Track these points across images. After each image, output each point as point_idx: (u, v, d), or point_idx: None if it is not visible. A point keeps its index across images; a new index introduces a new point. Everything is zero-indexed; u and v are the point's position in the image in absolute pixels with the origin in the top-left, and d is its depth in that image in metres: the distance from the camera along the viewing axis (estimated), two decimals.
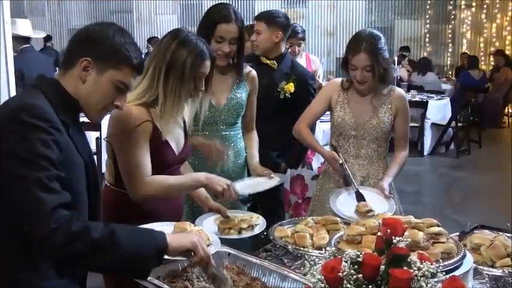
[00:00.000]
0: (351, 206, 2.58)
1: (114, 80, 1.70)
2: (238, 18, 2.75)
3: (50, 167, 1.52)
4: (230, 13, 2.74)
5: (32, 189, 1.48)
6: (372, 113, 2.83)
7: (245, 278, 1.97)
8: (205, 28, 2.75)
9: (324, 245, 2.12)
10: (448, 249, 1.91)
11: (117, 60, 1.69)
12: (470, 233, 2.25)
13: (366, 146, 2.86)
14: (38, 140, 1.51)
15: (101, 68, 1.68)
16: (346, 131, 2.86)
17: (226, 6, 2.80)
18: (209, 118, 2.79)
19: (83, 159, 1.71)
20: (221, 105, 2.84)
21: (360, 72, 2.73)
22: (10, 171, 1.51)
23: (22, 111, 1.54)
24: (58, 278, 1.67)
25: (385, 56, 2.75)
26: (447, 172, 7.77)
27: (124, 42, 1.70)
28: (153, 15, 13.71)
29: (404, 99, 2.90)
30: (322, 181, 3.04)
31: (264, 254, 2.26)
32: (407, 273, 1.40)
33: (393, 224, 1.49)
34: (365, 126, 2.84)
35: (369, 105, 2.84)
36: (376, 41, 2.73)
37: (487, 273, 1.98)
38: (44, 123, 1.54)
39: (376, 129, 2.83)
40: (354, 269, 1.45)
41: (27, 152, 1.50)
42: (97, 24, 1.77)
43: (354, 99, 2.87)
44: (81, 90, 1.69)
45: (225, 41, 2.73)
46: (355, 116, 2.84)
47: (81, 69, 1.67)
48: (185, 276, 1.93)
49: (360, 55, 2.71)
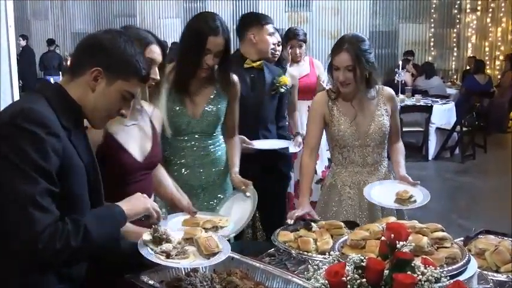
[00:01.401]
0: (389, 195, 2.60)
1: (122, 90, 1.73)
2: (225, 30, 2.71)
3: (41, 180, 1.53)
4: (218, 25, 2.70)
5: (26, 206, 1.50)
6: (371, 119, 2.81)
7: (249, 282, 1.96)
8: (194, 40, 2.69)
9: (327, 249, 2.11)
10: (452, 254, 1.90)
11: (127, 72, 1.72)
12: (475, 238, 2.25)
13: (372, 152, 2.83)
14: (32, 148, 1.52)
15: (111, 78, 1.70)
16: (351, 142, 2.81)
17: (213, 17, 2.74)
18: (186, 128, 2.80)
19: (83, 162, 1.71)
20: (197, 117, 2.81)
21: (342, 73, 2.69)
22: (2, 176, 1.52)
23: (19, 116, 1.55)
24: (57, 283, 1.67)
25: (369, 59, 2.71)
26: (452, 177, 7.74)
27: (134, 54, 1.73)
28: (156, 19, 13.75)
29: (394, 97, 2.94)
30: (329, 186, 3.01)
31: (268, 258, 2.25)
32: (411, 278, 1.40)
33: (397, 229, 1.49)
34: (368, 134, 2.80)
35: (364, 112, 2.81)
36: (359, 42, 2.71)
37: (491, 278, 1.97)
38: (41, 128, 1.54)
39: (379, 134, 2.81)
40: (358, 274, 1.45)
41: (21, 160, 1.51)
42: (107, 32, 1.78)
43: (348, 109, 2.81)
44: (89, 98, 1.71)
45: (211, 54, 2.69)
46: (356, 126, 2.80)
47: (92, 79, 1.69)
48: (188, 280, 1.92)
49: (341, 54, 2.68)
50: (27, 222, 1.50)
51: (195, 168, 2.84)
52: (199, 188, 2.85)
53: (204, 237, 2.01)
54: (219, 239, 2.06)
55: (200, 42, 2.67)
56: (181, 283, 1.90)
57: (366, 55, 2.69)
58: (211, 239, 2.01)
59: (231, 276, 1.98)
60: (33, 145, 1.53)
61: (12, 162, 1.51)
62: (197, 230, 2.10)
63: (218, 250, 1.97)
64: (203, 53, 2.68)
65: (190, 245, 1.99)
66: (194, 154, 2.83)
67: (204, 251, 1.95)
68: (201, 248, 1.96)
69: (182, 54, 2.76)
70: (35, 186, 1.51)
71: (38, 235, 1.50)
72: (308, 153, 2.87)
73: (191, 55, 2.69)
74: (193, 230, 2.12)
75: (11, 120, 1.55)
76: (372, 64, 2.72)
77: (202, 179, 2.85)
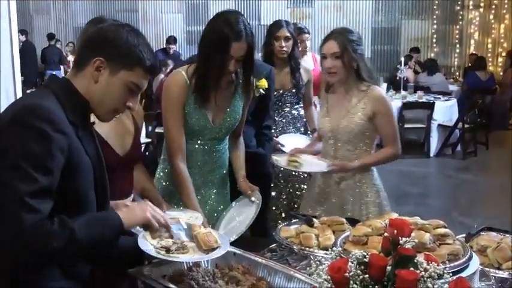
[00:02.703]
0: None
1: (127, 81, 1.69)
2: (249, 34, 2.52)
3: (40, 180, 1.51)
4: (241, 29, 2.49)
5: (15, 204, 1.49)
6: (344, 114, 2.81)
7: (251, 277, 1.96)
8: (217, 46, 2.49)
9: (329, 245, 2.12)
10: (454, 250, 1.90)
11: (130, 62, 1.68)
12: (477, 235, 2.24)
13: (341, 148, 2.84)
14: (38, 146, 1.51)
15: (114, 68, 1.67)
16: (325, 133, 2.88)
17: (237, 18, 2.52)
18: (204, 133, 2.67)
19: (90, 158, 1.70)
20: (217, 124, 2.68)
21: (329, 60, 2.73)
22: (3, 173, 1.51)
23: (26, 112, 1.54)
24: (61, 279, 1.68)
25: (356, 50, 2.73)
26: (453, 174, 7.74)
27: (137, 43, 1.70)
28: (158, 14, 13.73)
29: (383, 99, 2.83)
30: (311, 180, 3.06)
31: (269, 254, 2.26)
32: (413, 274, 1.40)
33: (400, 225, 1.49)
34: (338, 128, 2.82)
35: (343, 105, 2.82)
36: (347, 33, 2.76)
37: (493, 275, 1.97)
38: (49, 126, 1.53)
39: (346, 130, 2.80)
40: (361, 270, 1.45)
41: (23, 158, 1.50)
42: (111, 24, 1.78)
43: (332, 101, 2.88)
44: (93, 90, 1.69)
45: (233, 59, 2.51)
46: (330, 118, 2.85)
47: (94, 69, 1.67)
48: (190, 275, 1.93)
49: (328, 42, 2.74)
50: (12, 220, 1.50)
51: (204, 173, 2.75)
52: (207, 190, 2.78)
53: (203, 232, 2.03)
54: (217, 234, 2.08)
55: (224, 49, 2.48)
56: (183, 278, 1.91)
57: (354, 45, 2.73)
58: (210, 234, 2.03)
59: (233, 272, 1.99)
60: (39, 143, 1.51)
61: (15, 160, 1.50)
62: (196, 226, 2.11)
63: (217, 245, 1.99)
64: (227, 60, 2.51)
65: (190, 241, 2.00)
66: (204, 158, 2.72)
67: (204, 246, 1.96)
68: (200, 243, 1.97)
69: (205, 59, 2.55)
70: (31, 185, 1.50)
71: (19, 234, 1.49)
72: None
73: (214, 61, 2.52)
74: (193, 226, 2.11)
75: (16, 116, 1.54)
76: (359, 55, 2.74)
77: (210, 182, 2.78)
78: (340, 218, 2.43)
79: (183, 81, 2.58)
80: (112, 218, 1.73)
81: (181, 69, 2.67)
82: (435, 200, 6.68)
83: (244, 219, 2.62)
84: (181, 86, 2.58)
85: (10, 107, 1.66)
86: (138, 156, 2.45)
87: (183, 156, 2.61)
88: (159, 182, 2.77)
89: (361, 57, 2.75)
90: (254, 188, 2.72)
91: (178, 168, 2.60)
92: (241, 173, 2.80)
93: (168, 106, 2.61)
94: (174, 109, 2.59)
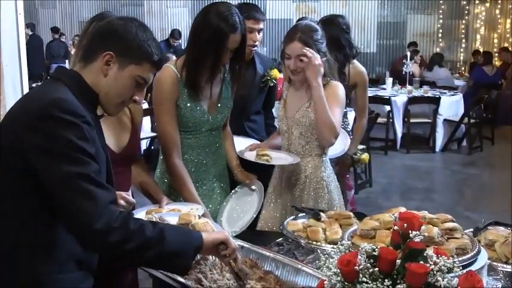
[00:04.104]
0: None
1: (135, 75, 1.71)
2: (242, 24, 2.54)
3: (93, 162, 1.54)
4: (237, 21, 2.51)
5: (85, 185, 1.50)
6: (299, 108, 2.79)
7: (258, 271, 1.97)
8: (214, 39, 2.49)
9: (337, 239, 2.12)
10: (462, 245, 1.90)
11: (139, 56, 1.70)
12: (484, 229, 2.24)
13: (294, 141, 2.82)
14: (74, 135, 1.52)
15: (123, 62, 1.69)
16: (280, 125, 2.88)
17: (230, 10, 2.52)
18: (201, 125, 2.65)
19: (104, 152, 1.72)
20: (213, 114, 2.68)
21: (293, 62, 2.70)
22: (51, 170, 1.51)
23: (52, 107, 1.54)
24: (76, 270, 1.68)
25: (321, 49, 2.71)
26: (459, 169, 7.72)
27: (146, 38, 1.71)
28: (164, 8, 13.74)
29: (338, 94, 2.77)
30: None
31: (276, 248, 2.26)
32: (423, 268, 1.39)
33: (410, 219, 1.49)
34: (291, 120, 2.81)
35: (299, 100, 2.81)
36: (312, 31, 2.71)
37: (501, 269, 1.97)
38: (76, 118, 1.54)
39: (299, 124, 2.78)
40: (370, 263, 1.45)
41: (68, 148, 1.51)
42: (120, 18, 1.78)
43: (291, 93, 2.87)
44: (102, 83, 1.70)
45: (228, 51, 2.54)
46: (286, 110, 2.84)
47: (104, 63, 1.68)
48: (198, 268, 1.93)
49: (293, 43, 2.69)
50: (90, 200, 1.50)
51: (204, 166, 2.73)
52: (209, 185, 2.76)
53: (201, 222, 2.06)
54: (214, 225, 2.11)
55: (221, 43, 2.50)
56: (191, 271, 1.91)
57: (318, 45, 2.71)
58: (207, 224, 2.06)
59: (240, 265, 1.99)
60: (75, 133, 1.52)
61: (57, 151, 1.50)
62: (192, 216, 2.13)
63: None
64: (224, 52, 2.52)
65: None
66: (203, 151, 2.71)
67: None
68: None
69: (199, 53, 2.54)
70: (88, 167, 1.52)
71: (106, 212, 1.51)
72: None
73: (210, 54, 2.52)
74: (187, 215, 2.16)
75: (44, 112, 1.53)
76: (322, 54, 2.72)
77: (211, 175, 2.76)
78: (347, 212, 2.43)
79: (173, 76, 2.57)
80: (194, 232, 1.75)
81: (169, 63, 2.65)
82: (441, 195, 6.67)
83: (248, 209, 2.62)
84: (172, 81, 2.57)
85: (26, 102, 1.65)
86: (135, 154, 2.43)
87: (178, 152, 2.59)
88: (161, 181, 2.73)
89: (324, 55, 2.74)
90: (252, 177, 2.73)
91: (175, 164, 2.58)
92: (235, 163, 2.81)
93: (160, 102, 2.59)
94: (166, 105, 2.57)
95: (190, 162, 2.67)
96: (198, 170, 2.70)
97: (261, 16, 3.28)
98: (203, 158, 2.70)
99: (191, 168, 2.66)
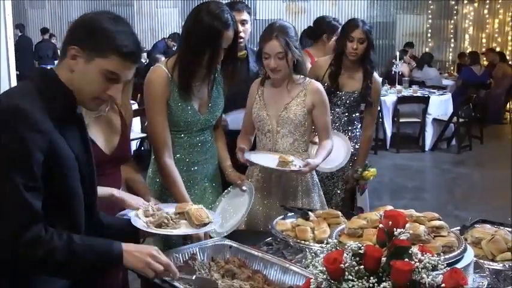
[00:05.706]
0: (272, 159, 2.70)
1: (102, 69, 1.63)
2: (234, 21, 2.55)
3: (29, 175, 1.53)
4: (229, 18, 2.51)
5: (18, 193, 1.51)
6: (285, 106, 2.82)
7: (246, 270, 1.98)
8: (211, 41, 2.48)
9: (325, 238, 2.13)
10: (448, 242, 1.91)
11: (104, 49, 1.62)
12: (471, 227, 2.25)
13: (282, 139, 2.84)
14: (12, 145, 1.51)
15: (88, 56, 1.63)
16: (262, 126, 2.87)
17: (221, 9, 2.52)
18: (194, 123, 2.64)
19: (74, 152, 1.67)
20: (204, 113, 2.67)
21: (273, 60, 2.74)
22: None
23: (7, 114, 1.52)
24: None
25: (296, 46, 2.77)
26: (448, 168, 7.76)
27: (114, 30, 1.63)
28: (154, 8, 13.71)
29: (321, 92, 2.85)
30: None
31: (265, 247, 2.26)
32: (408, 265, 1.41)
33: (395, 216, 1.50)
34: (278, 119, 2.83)
35: (282, 98, 2.84)
36: (287, 29, 2.77)
37: (487, 267, 1.98)
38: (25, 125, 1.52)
39: (287, 122, 2.81)
40: (356, 261, 1.46)
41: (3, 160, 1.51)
42: (94, 12, 1.72)
43: (269, 92, 2.88)
44: (72, 79, 1.65)
45: (222, 48, 2.53)
46: (269, 109, 2.85)
47: (70, 58, 1.64)
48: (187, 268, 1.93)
49: (272, 41, 2.73)
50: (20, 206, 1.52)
51: (196, 166, 2.72)
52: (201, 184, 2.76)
53: (195, 208, 2.09)
54: (209, 211, 2.14)
55: (216, 42, 2.49)
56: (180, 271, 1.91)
57: (294, 42, 2.76)
58: (201, 210, 2.09)
59: (229, 265, 2.00)
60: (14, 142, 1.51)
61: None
62: (188, 205, 2.16)
63: (209, 221, 2.05)
64: (219, 51, 2.52)
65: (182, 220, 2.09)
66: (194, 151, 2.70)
67: (195, 221, 2.03)
68: (192, 219, 2.04)
69: (194, 54, 2.52)
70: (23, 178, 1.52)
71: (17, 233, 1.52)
72: (241, 136, 2.94)
73: (205, 53, 2.50)
74: (184, 205, 2.18)
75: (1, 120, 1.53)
76: (299, 50, 2.78)
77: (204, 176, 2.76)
78: (336, 211, 2.44)
79: (164, 76, 2.56)
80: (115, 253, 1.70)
81: (160, 63, 2.65)
82: (430, 194, 6.71)
83: (238, 209, 2.63)
84: (164, 81, 2.56)
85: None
86: (126, 155, 2.42)
87: (169, 153, 2.59)
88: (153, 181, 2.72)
89: (300, 52, 2.79)
90: (243, 177, 2.74)
91: (166, 164, 2.57)
92: (227, 163, 2.80)
93: (152, 102, 2.58)
94: (158, 105, 2.56)
95: (181, 161, 2.67)
96: (190, 169, 2.69)
97: (242, 7, 3.29)
98: (194, 157, 2.70)
99: (182, 168, 2.66)
